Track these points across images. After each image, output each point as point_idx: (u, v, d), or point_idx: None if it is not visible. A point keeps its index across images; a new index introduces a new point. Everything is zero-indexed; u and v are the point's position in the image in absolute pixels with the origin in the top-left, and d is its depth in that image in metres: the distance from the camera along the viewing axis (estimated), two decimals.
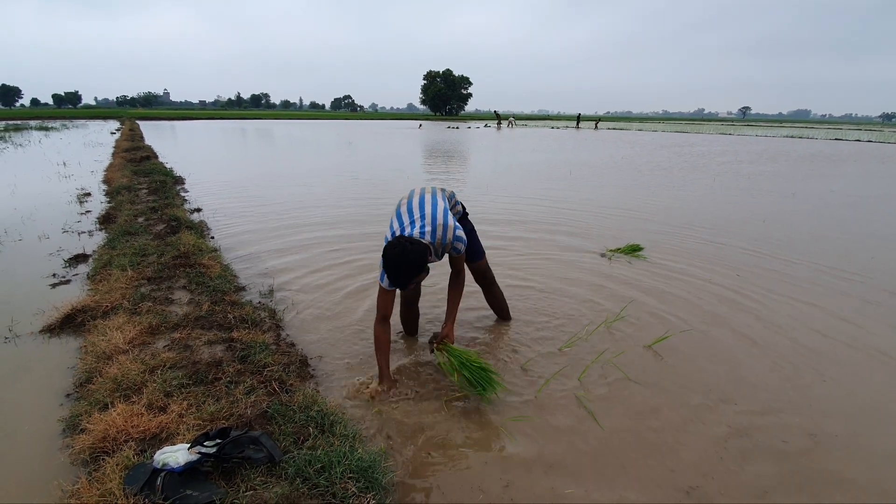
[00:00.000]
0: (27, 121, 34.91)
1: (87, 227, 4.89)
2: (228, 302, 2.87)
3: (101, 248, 4.04)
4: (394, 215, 2.32)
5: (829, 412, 2.12)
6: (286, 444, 1.67)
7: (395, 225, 2.26)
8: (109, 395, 1.94)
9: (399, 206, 2.33)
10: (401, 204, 2.34)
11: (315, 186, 7.92)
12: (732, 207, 6.72)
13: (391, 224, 2.29)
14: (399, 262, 2.00)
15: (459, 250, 2.28)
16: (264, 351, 2.28)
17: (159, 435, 1.73)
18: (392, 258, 2.00)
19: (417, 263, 2.01)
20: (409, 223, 2.22)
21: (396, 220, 2.27)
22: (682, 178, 9.64)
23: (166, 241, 3.97)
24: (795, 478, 1.74)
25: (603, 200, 7.06)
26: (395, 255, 2.00)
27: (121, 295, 2.90)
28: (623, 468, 1.76)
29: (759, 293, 3.48)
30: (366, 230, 5.01)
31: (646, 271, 3.92)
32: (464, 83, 77.42)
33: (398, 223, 2.25)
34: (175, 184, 7.36)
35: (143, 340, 2.39)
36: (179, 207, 5.46)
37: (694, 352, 2.62)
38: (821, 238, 5.12)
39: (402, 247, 2.01)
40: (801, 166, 12.74)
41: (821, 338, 2.82)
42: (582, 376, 2.34)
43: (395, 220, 2.29)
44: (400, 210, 2.31)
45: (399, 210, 2.31)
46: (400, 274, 2.02)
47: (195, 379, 2.05)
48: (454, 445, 1.86)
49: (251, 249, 4.28)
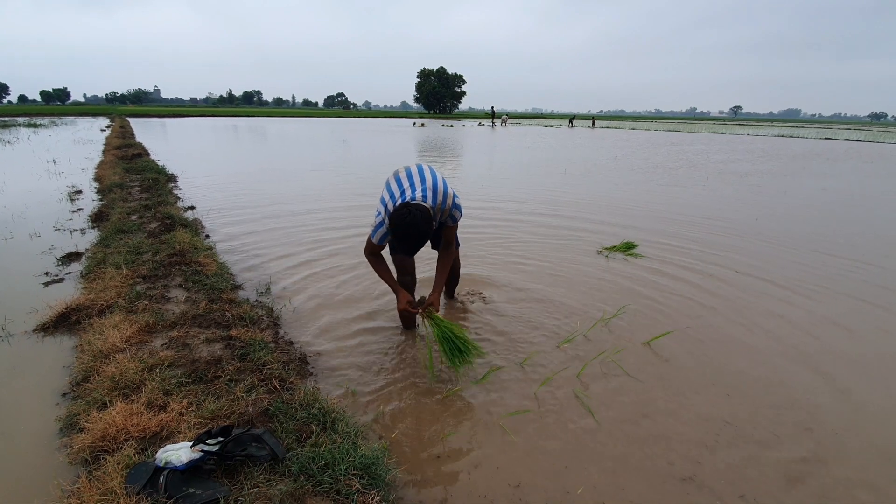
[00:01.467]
0: (14, 117, 34.39)
1: (80, 224, 4.83)
2: (226, 300, 2.85)
3: (95, 246, 4.00)
4: (387, 186, 2.28)
5: (824, 407, 2.15)
6: (289, 442, 1.66)
7: (395, 191, 2.20)
8: (108, 394, 1.92)
9: (395, 176, 2.30)
10: (397, 174, 2.31)
11: (310, 183, 7.89)
12: (725, 205, 6.78)
13: (386, 194, 2.23)
14: (408, 225, 1.99)
15: (456, 218, 2.28)
16: (263, 349, 2.27)
17: (160, 434, 1.72)
18: (400, 224, 1.99)
19: (423, 227, 2.00)
20: (408, 187, 2.20)
21: (396, 187, 2.23)
22: (676, 176, 9.71)
23: (161, 239, 3.94)
24: (787, 470, 1.76)
25: (598, 199, 7.09)
26: (403, 218, 1.99)
27: (116, 293, 2.87)
28: (622, 463, 1.78)
29: (754, 290, 3.52)
30: (363, 227, 4.99)
31: (642, 268, 3.94)
32: (458, 81, 77.36)
33: (398, 189, 2.20)
34: (168, 181, 7.29)
35: (141, 339, 2.37)
36: (173, 205, 5.42)
37: (691, 348, 2.65)
38: (813, 235, 5.18)
39: (409, 210, 2.00)
40: (792, 164, 12.88)
41: (814, 336, 2.86)
42: (580, 373, 2.35)
43: (392, 187, 2.24)
44: (398, 178, 2.27)
45: (397, 178, 2.27)
46: (409, 238, 2.02)
47: (195, 377, 2.03)
48: (453, 441, 1.86)
49: (247, 247, 4.25)
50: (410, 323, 2.73)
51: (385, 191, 2.30)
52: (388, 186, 2.32)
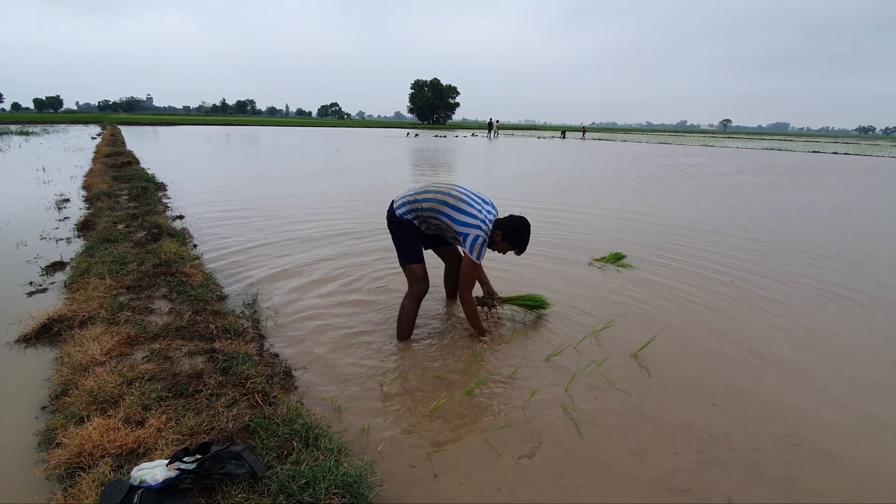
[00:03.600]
0: (7, 125, 34.09)
1: (66, 233, 4.76)
2: (210, 311, 2.81)
3: (80, 255, 3.94)
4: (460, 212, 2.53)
5: (810, 422, 2.15)
6: (269, 459, 1.63)
7: (477, 214, 2.53)
8: (85, 409, 1.87)
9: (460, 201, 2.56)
10: (461, 197, 2.57)
11: (301, 194, 7.85)
12: (715, 218, 6.84)
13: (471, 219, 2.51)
14: (530, 231, 2.64)
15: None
16: (247, 362, 2.23)
17: (137, 450, 1.68)
18: (528, 230, 2.62)
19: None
20: (480, 205, 2.59)
21: (474, 210, 2.54)
22: (666, 188, 9.80)
23: (147, 249, 3.89)
24: (768, 473, 1.75)
25: (589, 210, 7.12)
26: (528, 227, 2.63)
27: (99, 304, 2.82)
28: (610, 476, 1.76)
29: (743, 301, 3.53)
30: (352, 238, 4.97)
31: (632, 279, 3.95)
32: (451, 93, 77.95)
33: (477, 211, 2.54)
34: (157, 190, 7.23)
35: (121, 351, 2.33)
36: (161, 214, 5.36)
37: (679, 359, 2.64)
38: (800, 249, 5.23)
39: (524, 220, 2.62)
40: (781, 178, 13.05)
41: (800, 346, 2.87)
42: (568, 386, 2.34)
43: (469, 212, 2.53)
44: (464, 201, 2.56)
45: (464, 202, 2.56)
46: (528, 240, 2.65)
47: (175, 391, 1.99)
48: (439, 456, 1.83)
49: (235, 258, 4.21)
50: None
51: (462, 216, 2.52)
52: (459, 212, 2.53)
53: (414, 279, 2.69)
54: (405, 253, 2.70)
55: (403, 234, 2.69)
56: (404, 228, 2.67)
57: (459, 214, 2.51)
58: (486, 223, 2.53)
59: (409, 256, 2.69)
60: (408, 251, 2.69)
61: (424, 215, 2.62)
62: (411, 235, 2.69)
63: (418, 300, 2.72)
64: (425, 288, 2.72)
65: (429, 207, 2.58)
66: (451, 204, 2.53)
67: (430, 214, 2.60)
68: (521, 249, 2.62)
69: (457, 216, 2.51)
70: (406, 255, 2.69)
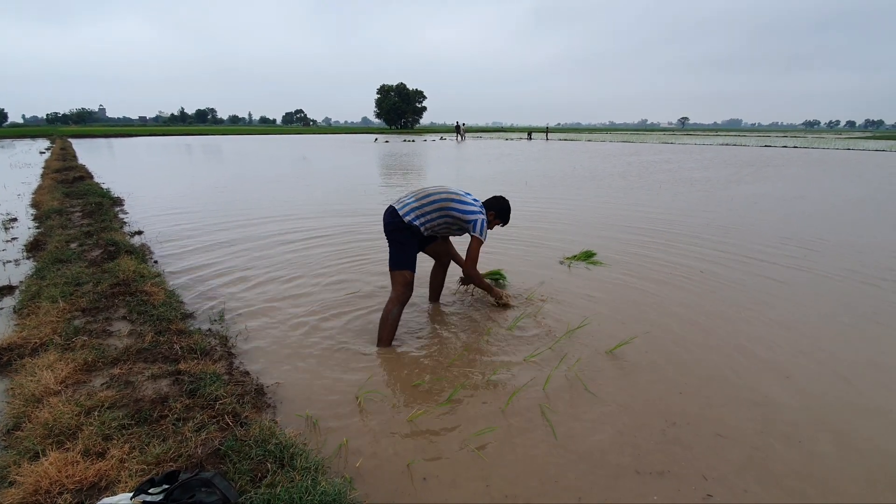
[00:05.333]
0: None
1: (13, 255, 4.48)
2: (175, 331, 2.69)
3: (30, 278, 3.70)
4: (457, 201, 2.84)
5: (782, 408, 2.23)
6: (242, 484, 1.55)
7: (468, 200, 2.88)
8: (41, 443, 1.75)
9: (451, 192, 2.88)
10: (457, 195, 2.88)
11: (267, 203, 7.66)
12: (680, 212, 7.06)
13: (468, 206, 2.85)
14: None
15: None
16: (216, 382, 2.14)
17: (98, 484, 1.57)
18: (509, 205, 3.11)
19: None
20: (465, 195, 2.90)
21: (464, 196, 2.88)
22: (631, 185, 10.06)
23: (103, 268, 3.70)
24: (745, 464, 1.80)
25: (557, 209, 7.24)
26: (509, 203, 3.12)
27: (52, 329, 2.65)
28: (592, 468, 1.77)
29: (709, 295, 3.64)
30: (321, 245, 4.88)
31: (603, 277, 4.02)
32: (418, 97, 77.97)
33: (466, 198, 2.88)
34: (113, 205, 6.91)
35: (78, 379, 2.19)
36: (118, 231, 5.12)
37: (653, 355, 2.69)
38: (763, 238, 5.45)
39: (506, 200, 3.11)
40: (739, 171, 13.61)
41: (772, 342, 2.97)
42: (545, 387, 2.34)
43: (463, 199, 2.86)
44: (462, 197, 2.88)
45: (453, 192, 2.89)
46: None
47: (138, 418, 1.89)
48: (420, 465, 1.80)
49: (199, 273, 4.05)
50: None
51: (466, 206, 2.86)
52: (463, 203, 2.86)
53: (403, 284, 2.76)
54: (404, 258, 2.76)
55: (407, 240, 2.78)
56: (411, 234, 2.78)
57: (464, 206, 2.85)
58: (482, 208, 2.95)
59: (406, 262, 2.77)
60: (407, 257, 2.77)
61: (432, 217, 2.81)
62: (414, 243, 2.80)
63: (402, 305, 2.78)
64: (409, 295, 2.80)
65: (437, 208, 2.80)
66: (455, 199, 2.85)
67: (437, 215, 2.81)
68: (507, 222, 3.16)
69: (464, 208, 2.84)
70: (404, 260, 2.76)
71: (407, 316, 3.15)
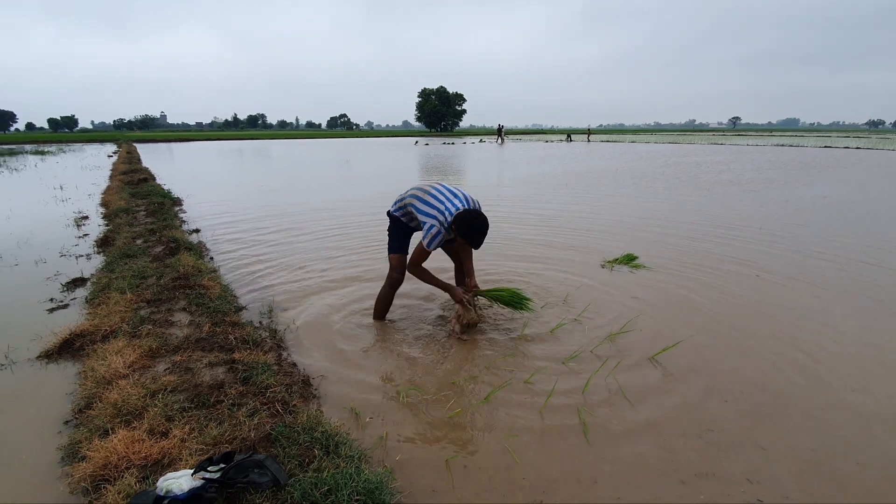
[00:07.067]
0: (22, 145, 35.00)
1: (85, 250, 4.87)
2: (229, 323, 2.85)
3: (100, 271, 4.02)
4: (424, 203, 2.76)
5: (833, 424, 2.11)
6: (291, 467, 1.64)
7: (438, 206, 2.72)
8: (110, 421, 1.91)
9: (428, 194, 2.79)
10: (426, 193, 2.80)
11: (314, 204, 7.93)
12: (729, 214, 6.76)
13: (433, 210, 2.71)
14: (483, 224, 2.60)
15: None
16: (266, 372, 2.26)
17: (161, 461, 1.70)
18: (480, 225, 2.60)
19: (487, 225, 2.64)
20: (445, 200, 2.74)
21: (437, 203, 2.73)
22: (675, 188, 9.71)
23: (165, 263, 3.96)
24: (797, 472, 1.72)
25: (599, 211, 7.09)
26: (483, 221, 2.61)
27: (120, 318, 2.87)
28: (630, 472, 1.74)
29: (768, 301, 3.48)
30: (367, 246, 5.00)
31: (647, 281, 3.92)
32: (458, 100, 78.36)
33: (440, 204, 2.72)
34: (173, 205, 7.37)
35: (144, 364, 2.37)
36: (178, 229, 5.46)
37: (698, 361, 2.61)
38: (817, 242, 5.15)
39: (482, 215, 2.63)
40: (794, 173, 12.86)
41: (818, 345, 2.82)
42: (585, 390, 2.32)
43: (432, 203, 2.73)
44: (433, 195, 2.77)
45: (432, 196, 2.77)
46: (484, 234, 2.62)
47: (197, 402, 2.02)
48: (457, 463, 1.83)
49: (250, 269, 4.26)
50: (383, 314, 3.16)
51: (427, 207, 2.76)
52: (425, 204, 2.77)
53: (392, 266, 3.02)
54: (391, 243, 3.04)
55: (392, 228, 3.04)
56: (393, 222, 3.02)
57: (424, 206, 2.78)
58: (445, 215, 2.70)
59: (393, 246, 3.03)
60: (393, 242, 3.02)
61: (405, 210, 2.94)
62: (398, 229, 3.02)
63: (391, 287, 3.05)
64: (398, 277, 3.01)
65: (408, 203, 2.89)
66: (420, 197, 2.82)
67: (408, 210, 2.91)
68: (472, 244, 2.66)
69: (422, 207, 2.79)
70: (391, 245, 3.03)
71: (446, 316, 3.20)
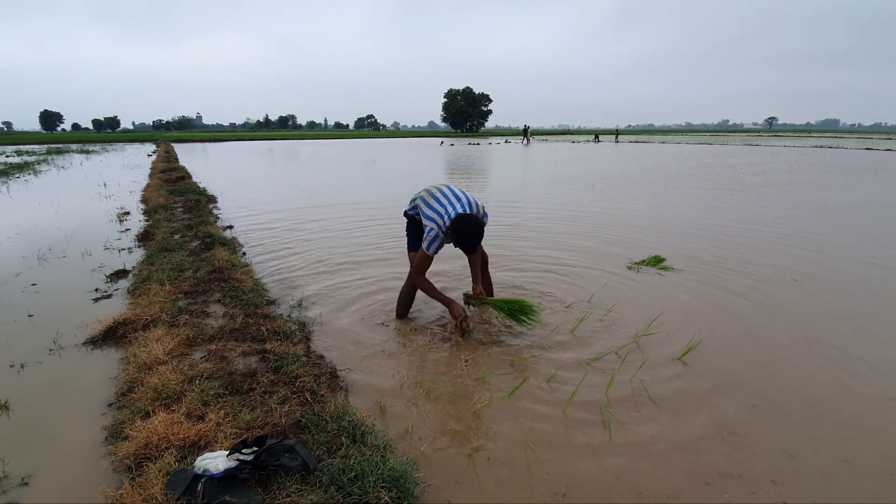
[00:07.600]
0: (68, 144, 36.81)
1: (127, 244, 5.11)
2: (261, 315, 2.95)
3: (141, 263, 4.22)
4: (428, 206, 2.75)
5: (859, 432, 2.04)
6: (319, 453, 1.70)
7: (439, 209, 2.68)
8: (151, 404, 2.01)
9: (432, 197, 2.78)
10: (431, 195, 2.79)
11: (342, 202, 8.07)
12: (763, 216, 6.55)
13: (433, 213, 2.70)
14: (478, 228, 2.56)
15: (485, 223, 2.78)
16: (296, 362, 2.34)
17: (198, 443, 1.79)
18: (473, 228, 2.54)
19: (483, 229, 2.61)
20: (448, 204, 2.69)
21: (439, 206, 2.70)
22: (704, 190, 9.46)
23: (201, 257, 4.13)
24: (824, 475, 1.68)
25: (624, 212, 6.99)
26: (475, 225, 2.55)
27: (159, 308, 3.02)
28: (653, 471, 1.73)
29: (788, 301, 3.38)
30: (393, 246, 5.08)
31: (673, 282, 3.85)
32: (484, 100, 78.19)
33: (440, 207, 2.69)
34: (208, 202, 7.64)
35: (182, 352, 2.49)
36: (213, 225, 5.67)
37: (723, 364, 2.56)
38: (855, 248, 4.94)
39: (475, 219, 2.58)
40: (833, 175, 12.33)
41: (858, 351, 2.72)
42: (608, 391, 2.31)
43: (434, 207, 2.71)
44: (436, 198, 2.76)
45: (435, 198, 2.76)
46: (476, 239, 2.58)
47: (231, 389, 2.11)
48: (479, 457, 1.86)
49: (280, 264, 4.39)
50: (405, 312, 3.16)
51: (429, 210, 2.75)
52: (428, 207, 2.76)
53: (412, 265, 2.98)
54: (408, 242, 3.11)
55: (408, 227, 3.11)
56: (408, 222, 3.10)
57: (428, 209, 2.77)
58: (445, 219, 2.66)
59: (411, 246, 3.08)
60: (411, 241, 3.08)
61: (415, 210, 2.98)
62: (413, 228, 3.07)
63: (413, 286, 3.05)
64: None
65: (417, 204, 2.91)
66: (426, 200, 2.82)
67: (418, 210, 2.93)
68: (462, 248, 2.65)
69: (426, 210, 2.78)
70: (409, 244, 3.10)
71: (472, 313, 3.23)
